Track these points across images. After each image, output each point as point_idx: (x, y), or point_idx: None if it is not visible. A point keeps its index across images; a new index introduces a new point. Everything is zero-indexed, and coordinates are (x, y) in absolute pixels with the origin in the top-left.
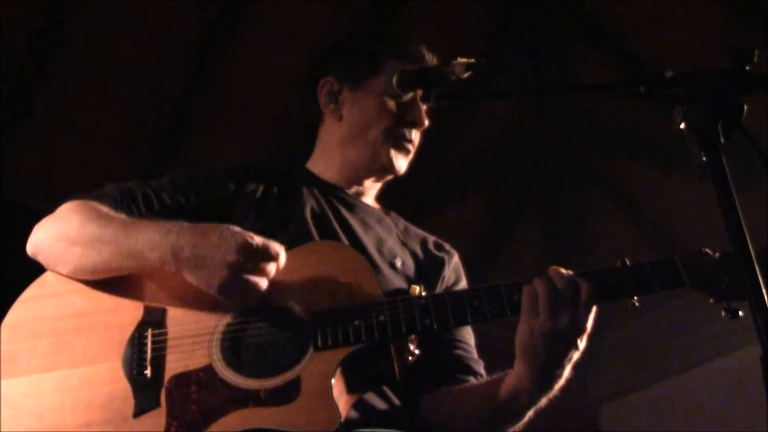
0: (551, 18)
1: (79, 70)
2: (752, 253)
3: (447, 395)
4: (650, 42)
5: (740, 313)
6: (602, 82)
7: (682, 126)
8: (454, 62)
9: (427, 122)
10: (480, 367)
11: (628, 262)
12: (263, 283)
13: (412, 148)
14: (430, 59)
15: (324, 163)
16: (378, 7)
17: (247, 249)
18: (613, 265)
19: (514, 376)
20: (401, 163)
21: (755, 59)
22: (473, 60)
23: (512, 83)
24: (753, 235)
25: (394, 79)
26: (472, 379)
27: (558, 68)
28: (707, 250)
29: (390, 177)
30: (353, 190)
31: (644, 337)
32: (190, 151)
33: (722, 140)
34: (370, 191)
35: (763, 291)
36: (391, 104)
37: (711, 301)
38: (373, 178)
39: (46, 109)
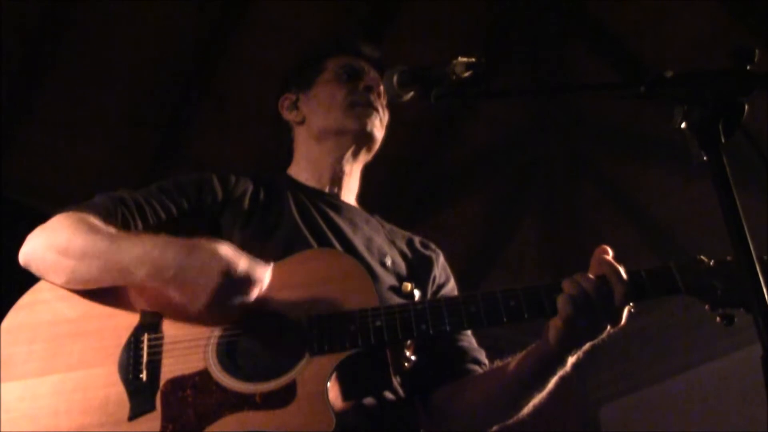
0: (551, 18)
1: (79, 70)
2: (752, 251)
3: (464, 386)
4: (650, 42)
5: (735, 319)
6: (602, 82)
7: (683, 126)
8: (455, 62)
9: (382, 86)
10: (483, 356)
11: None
12: (242, 306)
13: (376, 112)
14: (370, 52)
15: (301, 167)
16: (377, 7)
17: (231, 276)
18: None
19: (538, 350)
20: (370, 124)
21: (755, 59)
22: (474, 59)
23: (512, 83)
24: (753, 234)
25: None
26: (479, 369)
27: (558, 68)
28: (702, 257)
29: (366, 145)
30: (335, 189)
31: (643, 338)
32: (190, 151)
33: (723, 140)
34: (351, 186)
35: (764, 290)
36: (342, 82)
37: (706, 308)
38: (349, 161)
39: (46, 109)
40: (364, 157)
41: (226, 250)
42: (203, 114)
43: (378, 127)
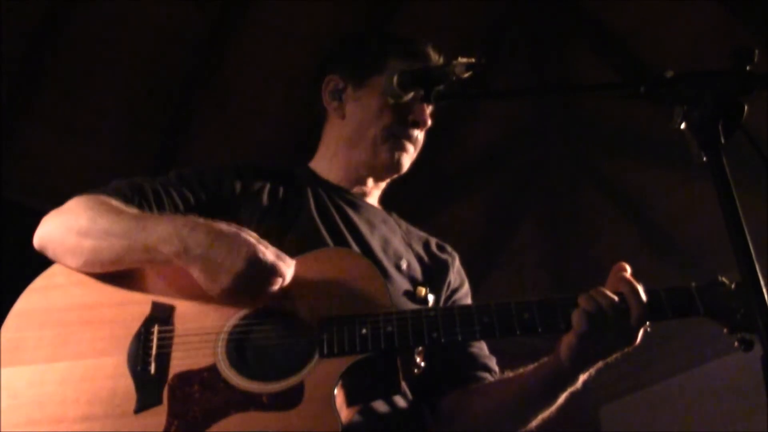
0: (551, 18)
1: (79, 70)
2: (752, 251)
3: (473, 394)
4: (650, 42)
5: (754, 345)
6: (602, 82)
7: (683, 126)
8: (455, 62)
9: (429, 122)
10: (494, 363)
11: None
12: (264, 296)
13: (413, 147)
14: (436, 58)
15: (327, 163)
16: (377, 8)
17: (257, 264)
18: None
19: (550, 365)
20: (401, 161)
21: (755, 59)
22: (474, 60)
23: (512, 83)
24: (753, 234)
25: (395, 80)
26: (488, 376)
27: (558, 68)
28: (723, 279)
29: (393, 176)
30: (357, 190)
31: (644, 338)
32: (191, 151)
33: (723, 140)
34: (374, 191)
35: (763, 289)
36: (393, 107)
37: (725, 331)
38: (375, 178)
39: (46, 109)
40: (389, 176)
41: (255, 238)
42: (204, 114)
43: (409, 159)
